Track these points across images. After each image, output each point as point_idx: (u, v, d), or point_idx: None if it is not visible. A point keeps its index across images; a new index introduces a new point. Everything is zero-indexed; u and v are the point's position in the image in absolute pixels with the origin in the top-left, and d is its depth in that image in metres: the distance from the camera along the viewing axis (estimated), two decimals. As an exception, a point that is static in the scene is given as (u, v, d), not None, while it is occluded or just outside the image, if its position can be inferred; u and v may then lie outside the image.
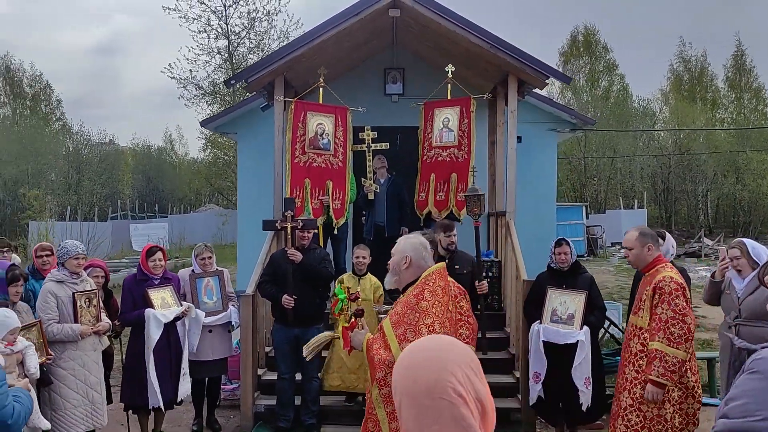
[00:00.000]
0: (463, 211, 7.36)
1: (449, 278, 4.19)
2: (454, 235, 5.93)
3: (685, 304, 4.30)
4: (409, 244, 3.52)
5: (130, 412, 6.00)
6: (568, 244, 6.16)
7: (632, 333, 4.61)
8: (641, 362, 4.43)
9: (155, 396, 5.66)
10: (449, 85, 7.56)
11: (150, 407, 5.79)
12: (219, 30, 29.79)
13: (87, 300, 5.23)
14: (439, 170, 7.55)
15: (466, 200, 6.60)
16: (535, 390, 5.74)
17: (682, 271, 5.68)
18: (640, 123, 39.68)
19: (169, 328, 5.81)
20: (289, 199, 6.36)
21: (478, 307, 6.25)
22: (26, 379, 3.48)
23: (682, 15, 63.35)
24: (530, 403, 5.88)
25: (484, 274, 7.98)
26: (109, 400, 6.00)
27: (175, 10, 30.08)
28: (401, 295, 3.51)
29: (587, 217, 28.72)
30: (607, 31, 69.94)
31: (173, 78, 30.06)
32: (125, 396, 5.85)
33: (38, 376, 4.21)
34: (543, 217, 11.18)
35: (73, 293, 5.13)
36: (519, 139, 11.59)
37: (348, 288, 3.70)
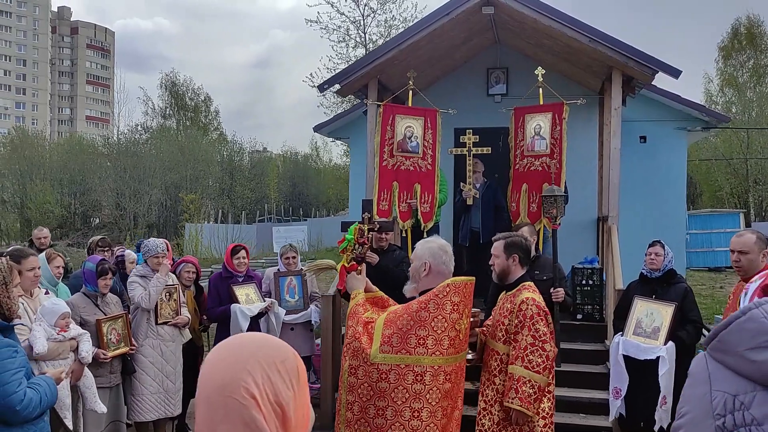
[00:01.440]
0: (546, 226, 6.97)
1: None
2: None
3: None
4: (427, 248, 3.36)
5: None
6: (662, 246, 5.67)
7: None
8: None
9: None
10: (541, 89, 7.16)
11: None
12: (357, 39, 30.65)
13: (167, 294, 5.54)
14: (532, 180, 7.13)
15: (542, 202, 6.23)
16: (615, 406, 5.31)
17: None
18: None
19: (252, 325, 6.01)
20: (366, 200, 6.33)
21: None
22: (59, 369, 3.69)
23: None
24: (609, 420, 5.46)
25: (584, 281, 7.58)
26: (198, 392, 6.33)
27: (316, 22, 31.34)
28: None
29: (748, 225, 26.25)
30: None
31: (314, 87, 31.35)
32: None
33: (89, 361, 4.47)
34: (670, 225, 10.38)
35: (154, 287, 5.46)
36: (643, 138, 10.93)
37: (362, 230, 3.59)
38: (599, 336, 7.24)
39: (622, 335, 5.49)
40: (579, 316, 7.48)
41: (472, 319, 4.08)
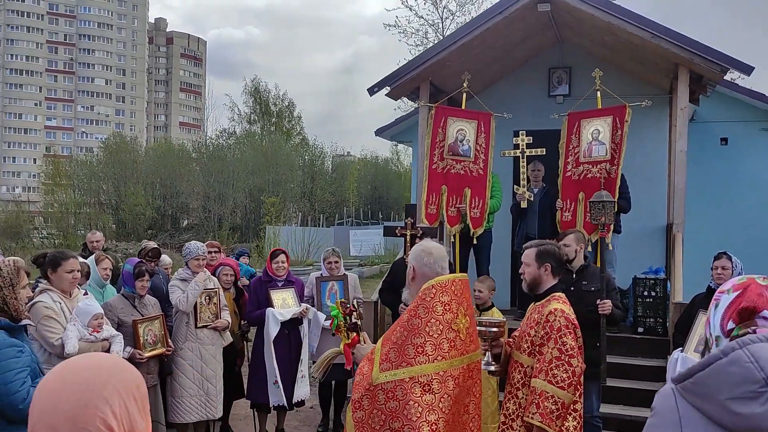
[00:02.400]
0: (609, 235, 6.55)
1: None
2: (565, 246, 5.31)
3: None
4: (413, 252, 3.21)
5: (255, 409, 6.24)
6: (729, 258, 5.24)
7: None
8: None
9: (275, 395, 5.84)
10: (599, 92, 6.73)
11: (270, 405, 5.99)
12: (435, 42, 30.44)
13: (207, 297, 5.58)
14: (590, 188, 6.65)
15: (590, 207, 5.86)
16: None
17: None
18: None
19: (290, 330, 5.97)
20: (409, 205, 6.22)
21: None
22: None
23: None
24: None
25: (646, 293, 7.13)
26: (242, 395, 6.36)
27: (395, 26, 31.39)
28: None
29: None
30: None
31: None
32: (250, 393, 6.13)
33: None
34: (754, 233, 9.70)
35: (193, 290, 5.51)
36: (724, 141, 10.27)
37: (342, 302, 3.46)
38: (662, 351, 6.77)
39: (681, 351, 5.09)
40: (640, 330, 7.04)
41: (495, 330, 3.86)
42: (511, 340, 3.99)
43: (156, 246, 6.66)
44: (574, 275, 5.43)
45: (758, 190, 10.05)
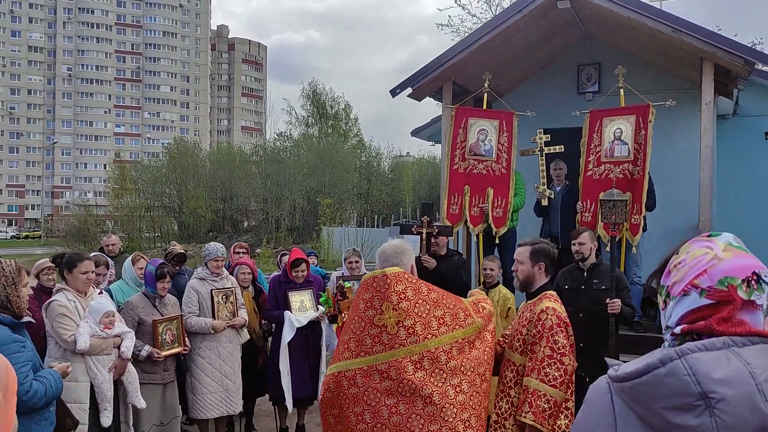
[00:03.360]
0: (637, 236, 6.46)
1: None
2: (580, 244, 5.29)
3: None
4: None
5: (275, 405, 6.42)
6: None
7: None
8: None
9: (288, 394, 5.98)
10: (622, 89, 6.63)
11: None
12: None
13: (224, 297, 5.81)
14: (610, 189, 6.62)
15: (601, 205, 5.79)
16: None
17: None
18: None
19: (308, 328, 6.11)
20: (426, 203, 6.30)
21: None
22: (65, 364, 3.92)
23: None
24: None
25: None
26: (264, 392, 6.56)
27: (447, 25, 31.33)
28: None
29: None
30: None
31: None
32: (269, 390, 6.31)
33: (128, 356, 4.75)
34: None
35: (211, 290, 5.74)
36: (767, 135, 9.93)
37: (329, 291, 3.64)
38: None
39: (691, 352, 5.02)
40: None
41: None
42: (501, 339, 4.04)
43: (182, 252, 6.92)
44: (585, 273, 5.42)
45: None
